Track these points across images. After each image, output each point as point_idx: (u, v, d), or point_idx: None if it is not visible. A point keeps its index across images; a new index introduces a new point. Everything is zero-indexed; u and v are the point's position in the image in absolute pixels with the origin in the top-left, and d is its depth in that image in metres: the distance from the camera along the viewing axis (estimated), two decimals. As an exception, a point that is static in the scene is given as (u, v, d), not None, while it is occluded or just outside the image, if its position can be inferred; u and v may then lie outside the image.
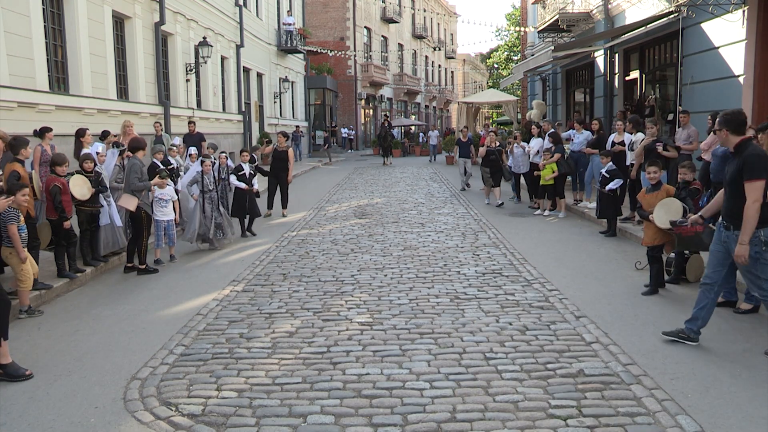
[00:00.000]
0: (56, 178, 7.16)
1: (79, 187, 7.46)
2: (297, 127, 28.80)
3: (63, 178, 7.24)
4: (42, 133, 8.26)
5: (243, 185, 10.56)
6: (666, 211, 6.46)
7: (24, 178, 6.69)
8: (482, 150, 14.05)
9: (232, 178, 10.59)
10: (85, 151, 8.65)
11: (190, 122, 14.66)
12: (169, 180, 8.91)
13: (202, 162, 9.85)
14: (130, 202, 7.91)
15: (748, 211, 4.70)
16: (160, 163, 9.35)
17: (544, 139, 13.07)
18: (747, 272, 4.93)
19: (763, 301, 5.08)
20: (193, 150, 11.46)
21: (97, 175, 7.91)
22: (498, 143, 14.13)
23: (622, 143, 11.91)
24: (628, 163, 11.90)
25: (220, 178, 10.49)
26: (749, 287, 5.10)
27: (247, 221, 10.72)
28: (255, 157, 12.66)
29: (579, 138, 12.86)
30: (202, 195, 9.49)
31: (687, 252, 7.16)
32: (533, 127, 14.03)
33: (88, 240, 7.96)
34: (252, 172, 10.88)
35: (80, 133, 9.04)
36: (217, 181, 10.07)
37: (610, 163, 10.70)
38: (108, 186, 8.26)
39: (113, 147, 9.71)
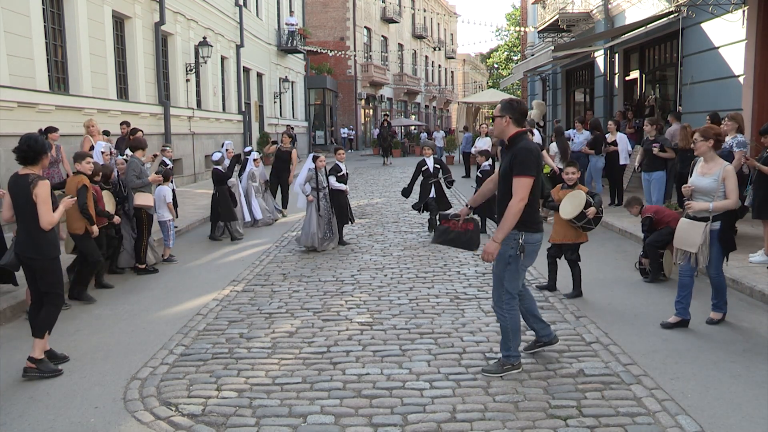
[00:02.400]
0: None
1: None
2: (289, 127, 28.37)
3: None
4: (46, 133, 8.25)
5: (343, 186, 9.47)
6: (571, 203, 6.33)
7: None
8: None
9: (332, 180, 9.37)
10: (99, 145, 8.73)
11: (122, 123, 11.63)
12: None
13: (315, 158, 9.22)
14: (146, 199, 7.90)
15: (511, 209, 4.27)
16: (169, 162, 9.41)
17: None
18: (497, 278, 4.60)
19: (498, 316, 4.63)
20: (229, 145, 10.64)
21: (114, 186, 7.86)
22: None
23: (615, 143, 11.98)
24: (622, 163, 12.00)
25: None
26: (492, 295, 4.68)
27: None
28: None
29: (579, 138, 12.86)
30: (317, 193, 9.11)
31: (662, 250, 7.08)
32: (483, 125, 14.02)
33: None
34: (348, 172, 9.76)
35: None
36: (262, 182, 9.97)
37: (486, 162, 10.39)
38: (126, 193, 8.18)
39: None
